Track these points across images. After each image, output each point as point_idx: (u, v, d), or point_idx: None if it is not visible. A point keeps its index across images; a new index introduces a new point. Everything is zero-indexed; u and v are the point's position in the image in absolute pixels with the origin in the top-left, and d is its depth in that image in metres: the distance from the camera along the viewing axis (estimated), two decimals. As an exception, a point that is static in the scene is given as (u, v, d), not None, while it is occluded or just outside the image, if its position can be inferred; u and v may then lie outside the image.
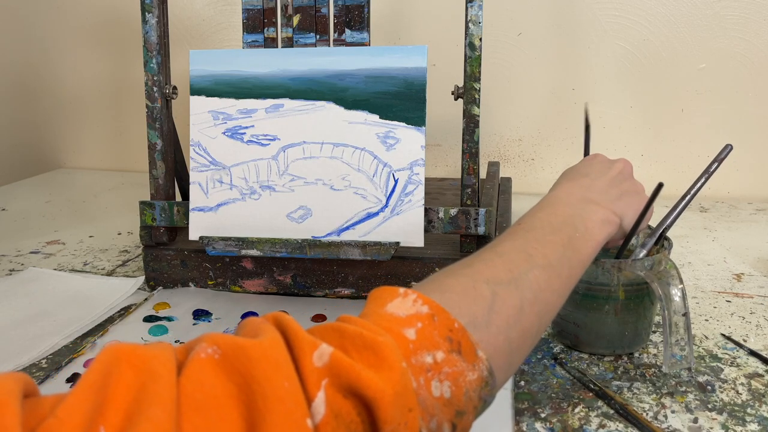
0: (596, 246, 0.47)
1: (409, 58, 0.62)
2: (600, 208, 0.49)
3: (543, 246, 0.43)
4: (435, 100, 0.71)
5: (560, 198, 0.49)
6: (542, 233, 0.44)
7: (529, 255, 0.42)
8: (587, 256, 0.46)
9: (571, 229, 0.46)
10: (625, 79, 1.02)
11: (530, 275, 0.40)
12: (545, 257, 0.42)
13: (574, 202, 0.49)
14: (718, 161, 0.53)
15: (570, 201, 0.49)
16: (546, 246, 0.43)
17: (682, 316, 0.49)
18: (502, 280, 0.39)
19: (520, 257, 0.41)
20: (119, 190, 1.13)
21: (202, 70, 0.65)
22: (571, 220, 0.47)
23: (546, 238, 0.44)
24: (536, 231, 0.45)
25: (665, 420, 0.47)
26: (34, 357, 0.57)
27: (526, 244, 0.43)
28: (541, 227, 0.45)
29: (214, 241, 0.63)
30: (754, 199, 1.02)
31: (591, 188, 0.51)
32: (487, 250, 0.43)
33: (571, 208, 0.48)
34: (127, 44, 1.19)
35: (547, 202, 0.49)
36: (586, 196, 0.50)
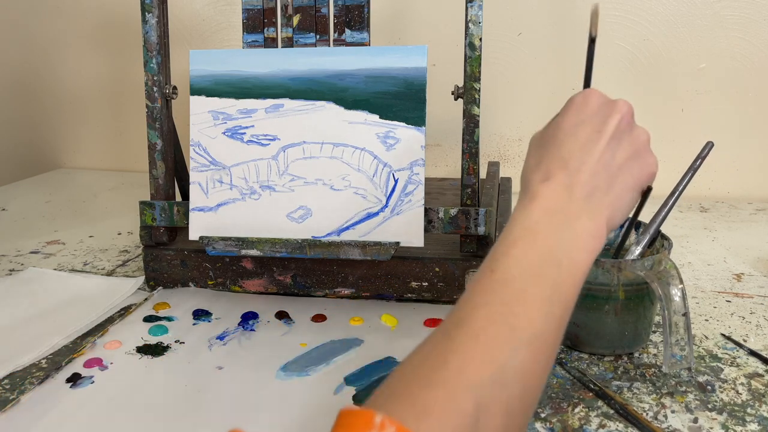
0: (582, 279, 0.38)
1: (409, 58, 0.62)
2: (586, 221, 0.39)
3: (525, 308, 0.35)
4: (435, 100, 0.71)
5: (536, 218, 0.39)
6: (522, 285, 0.36)
7: (512, 328, 0.34)
8: (573, 297, 0.38)
9: (555, 270, 0.37)
10: (625, 79, 1.02)
11: (516, 360, 0.33)
12: (530, 325, 0.35)
13: (554, 221, 0.39)
14: (701, 158, 0.56)
15: (550, 221, 0.39)
16: (528, 306, 0.35)
17: (682, 316, 0.49)
18: (484, 381, 0.32)
19: (502, 335, 0.34)
20: (119, 190, 1.13)
21: (202, 70, 0.65)
22: (553, 255, 0.37)
23: (527, 292, 0.36)
24: (514, 283, 0.36)
25: (665, 420, 0.47)
26: (34, 357, 0.57)
27: (505, 310, 0.35)
28: (520, 275, 0.36)
29: (214, 241, 0.63)
30: (754, 199, 1.02)
31: (575, 183, 0.40)
32: (463, 325, 0.35)
33: (551, 234, 0.38)
34: (127, 44, 1.19)
35: (521, 227, 0.39)
36: (568, 206, 0.39)
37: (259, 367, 0.55)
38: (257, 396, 0.51)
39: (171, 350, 0.58)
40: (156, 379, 0.54)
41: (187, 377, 0.54)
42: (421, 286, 0.65)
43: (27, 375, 0.55)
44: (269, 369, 0.55)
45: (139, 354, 0.57)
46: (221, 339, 0.60)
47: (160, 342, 0.59)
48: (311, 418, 0.48)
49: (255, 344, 0.59)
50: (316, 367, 0.55)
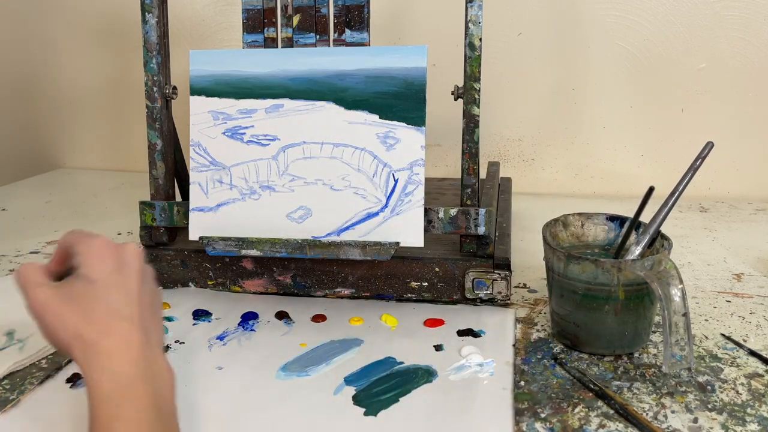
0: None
1: (409, 58, 0.62)
2: (162, 361, 0.42)
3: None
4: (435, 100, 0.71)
5: (127, 373, 0.39)
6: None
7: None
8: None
9: (157, 413, 0.39)
10: (625, 79, 1.02)
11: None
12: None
13: (144, 373, 0.40)
14: (701, 158, 0.56)
15: (142, 375, 0.40)
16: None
17: (682, 316, 0.49)
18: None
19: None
20: (119, 190, 1.13)
21: (202, 70, 0.65)
22: (156, 405, 0.39)
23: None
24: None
25: (665, 420, 0.47)
26: (34, 357, 0.57)
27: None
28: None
29: (214, 241, 0.63)
30: (754, 199, 1.02)
31: (138, 329, 0.42)
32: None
33: (148, 389, 0.40)
34: (127, 44, 1.19)
35: (116, 385, 0.39)
36: (144, 354, 0.41)
37: (259, 367, 0.55)
38: (257, 396, 0.51)
39: (171, 350, 0.58)
40: (156, 379, 0.54)
41: (187, 377, 0.54)
42: (421, 286, 0.65)
43: (27, 375, 0.55)
44: (269, 369, 0.55)
45: (139, 354, 0.57)
46: (221, 339, 0.60)
47: (160, 342, 0.59)
48: (311, 418, 0.48)
49: (255, 344, 0.59)
50: (316, 367, 0.55)
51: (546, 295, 0.66)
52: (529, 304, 0.66)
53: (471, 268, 0.64)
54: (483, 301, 0.65)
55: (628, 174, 1.06)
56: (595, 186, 1.07)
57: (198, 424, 0.48)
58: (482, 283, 0.64)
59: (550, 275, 0.58)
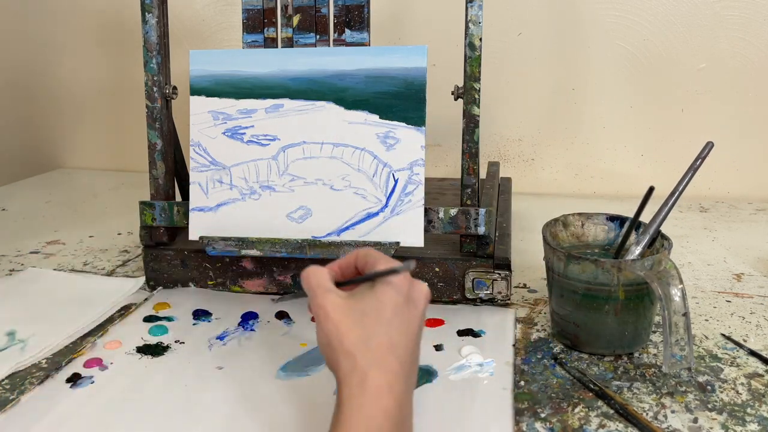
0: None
1: (409, 58, 0.62)
2: (408, 416, 0.40)
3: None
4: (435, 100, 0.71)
5: (379, 424, 0.38)
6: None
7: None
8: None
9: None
10: (625, 80, 1.02)
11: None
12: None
13: (392, 425, 0.38)
14: (701, 158, 0.56)
15: (389, 426, 0.38)
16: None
17: (682, 316, 0.49)
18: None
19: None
20: (119, 190, 1.13)
21: (202, 70, 0.65)
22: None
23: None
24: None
25: (665, 420, 0.47)
26: (34, 357, 0.57)
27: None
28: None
29: (214, 241, 0.63)
30: (754, 199, 1.02)
31: (403, 373, 0.40)
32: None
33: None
34: (127, 44, 1.19)
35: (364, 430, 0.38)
36: (401, 404, 0.39)
37: (259, 367, 0.55)
38: (257, 396, 0.51)
39: (171, 350, 0.58)
40: (156, 379, 0.54)
41: (187, 377, 0.54)
42: (421, 286, 0.65)
43: (27, 375, 0.55)
44: (269, 369, 0.55)
45: (139, 354, 0.57)
46: (221, 339, 0.60)
47: (160, 342, 0.59)
48: (311, 418, 0.48)
49: (255, 344, 0.59)
50: (316, 367, 0.55)
51: (546, 295, 0.66)
52: (529, 304, 0.66)
53: (471, 268, 0.64)
54: (483, 301, 0.65)
55: (628, 174, 1.06)
56: (595, 186, 1.07)
57: (198, 424, 0.48)
58: (482, 283, 0.64)
59: (550, 275, 0.58)
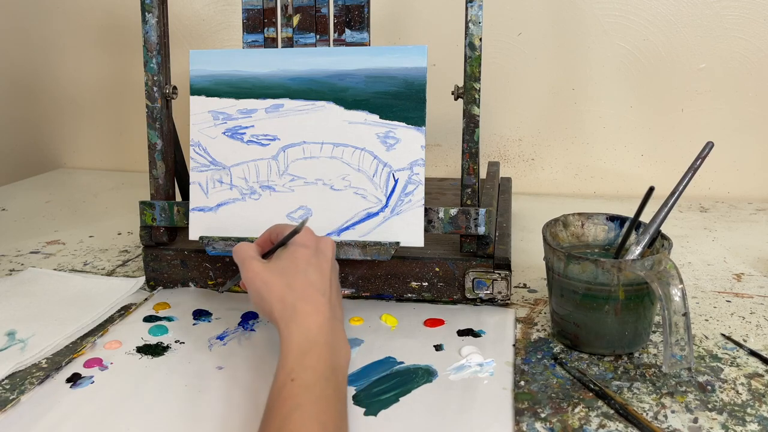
0: (345, 373, 0.48)
1: (409, 58, 0.62)
2: (340, 329, 0.50)
3: (327, 406, 0.43)
4: (435, 100, 0.71)
5: (315, 333, 0.48)
6: (320, 390, 0.44)
7: (323, 426, 0.42)
8: (345, 390, 0.47)
9: (335, 373, 0.46)
10: (625, 79, 1.02)
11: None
12: (332, 421, 0.42)
13: (327, 335, 0.48)
14: (701, 158, 0.56)
15: (324, 335, 0.48)
16: (329, 406, 0.43)
17: (682, 316, 0.49)
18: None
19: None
20: (119, 190, 1.13)
21: (202, 70, 0.65)
22: (333, 362, 0.47)
23: (325, 394, 0.44)
24: (314, 388, 0.44)
25: (665, 420, 0.47)
26: (34, 357, 0.57)
27: (314, 410, 0.42)
28: (316, 381, 0.44)
29: (214, 241, 0.63)
30: (754, 199, 1.02)
31: (326, 302, 0.50)
32: (284, 430, 0.41)
33: (328, 344, 0.47)
34: (127, 44, 1.19)
35: (304, 339, 0.47)
36: (330, 321, 0.49)
37: (259, 367, 0.55)
38: (257, 396, 0.51)
39: (171, 350, 0.58)
40: (156, 379, 0.54)
41: (187, 377, 0.54)
42: (421, 286, 0.65)
43: (27, 375, 0.55)
44: (269, 369, 0.55)
45: (139, 354, 0.57)
46: (221, 339, 0.60)
47: (160, 342, 0.59)
48: (311, 418, 0.48)
49: (255, 344, 0.59)
50: (316, 367, 0.54)
51: (546, 295, 0.66)
52: (529, 304, 0.66)
53: (471, 268, 0.64)
54: (483, 301, 0.65)
55: (628, 174, 1.06)
56: (595, 186, 1.07)
57: (198, 424, 0.48)
58: (482, 283, 0.64)
59: (550, 275, 0.58)
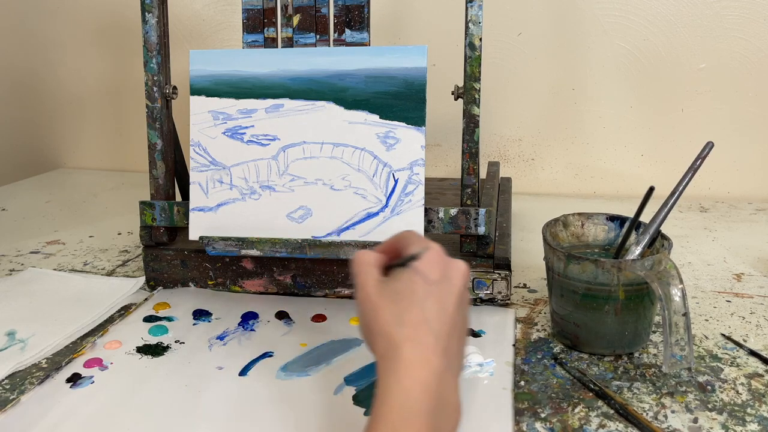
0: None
1: (409, 58, 0.62)
2: (454, 393, 0.40)
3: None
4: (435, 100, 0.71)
5: (416, 397, 0.37)
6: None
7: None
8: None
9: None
10: (625, 79, 1.02)
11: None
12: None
13: (432, 399, 0.37)
14: (701, 158, 0.56)
15: (429, 399, 0.37)
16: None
17: (682, 316, 0.49)
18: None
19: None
20: (119, 190, 1.13)
21: (202, 70, 0.65)
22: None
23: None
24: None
25: (665, 420, 0.47)
26: (34, 357, 0.57)
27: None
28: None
29: (214, 241, 0.63)
30: (754, 199, 1.02)
31: (442, 348, 0.40)
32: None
33: (431, 415, 0.37)
34: (127, 44, 1.19)
35: (401, 407, 0.37)
36: (442, 377, 0.38)
37: (259, 367, 0.55)
38: (257, 396, 0.51)
39: (171, 350, 0.58)
40: (156, 379, 0.54)
41: (187, 377, 0.54)
42: (421, 286, 0.65)
43: (27, 375, 0.55)
44: (269, 369, 0.55)
45: (139, 354, 0.57)
46: (221, 339, 0.60)
47: (160, 342, 0.59)
48: (311, 418, 0.48)
49: (255, 344, 0.59)
50: (316, 367, 0.55)
51: (546, 295, 0.66)
52: (529, 304, 0.66)
53: (471, 268, 0.64)
54: (483, 301, 0.65)
55: (628, 174, 1.06)
56: (595, 186, 1.07)
57: (198, 424, 0.48)
58: (482, 283, 0.64)
59: (550, 275, 0.58)
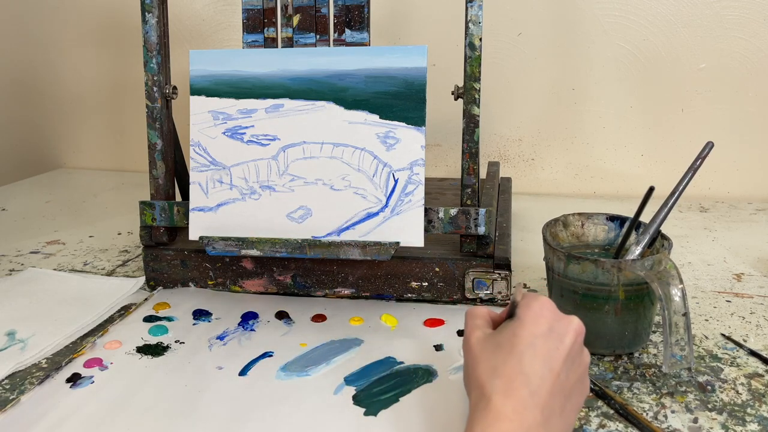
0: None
1: (409, 58, 0.62)
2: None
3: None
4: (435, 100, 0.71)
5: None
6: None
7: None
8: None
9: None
10: (625, 79, 1.02)
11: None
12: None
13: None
14: (701, 158, 0.56)
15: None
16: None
17: (682, 316, 0.49)
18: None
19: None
20: (119, 190, 1.13)
21: (202, 70, 0.65)
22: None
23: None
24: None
25: (665, 420, 0.47)
26: (34, 357, 0.57)
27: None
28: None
29: (214, 241, 0.63)
30: (754, 199, 1.02)
31: (537, 404, 0.37)
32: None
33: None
34: (127, 44, 1.19)
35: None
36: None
37: (259, 367, 0.55)
38: (257, 396, 0.51)
39: (171, 350, 0.58)
40: (156, 379, 0.54)
41: (187, 377, 0.54)
42: (421, 286, 0.65)
43: (27, 375, 0.55)
44: (269, 369, 0.55)
45: (139, 354, 0.57)
46: (221, 339, 0.60)
47: (160, 342, 0.59)
48: (311, 418, 0.48)
49: (255, 344, 0.59)
50: (316, 367, 0.55)
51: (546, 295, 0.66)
52: (529, 304, 0.66)
53: (471, 268, 0.64)
54: (483, 301, 0.65)
55: (628, 174, 1.06)
56: (595, 186, 1.07)
57: (198, 424, 0.48)
58: (482, 283, 0.64)
59: (550, 275, 0.58)
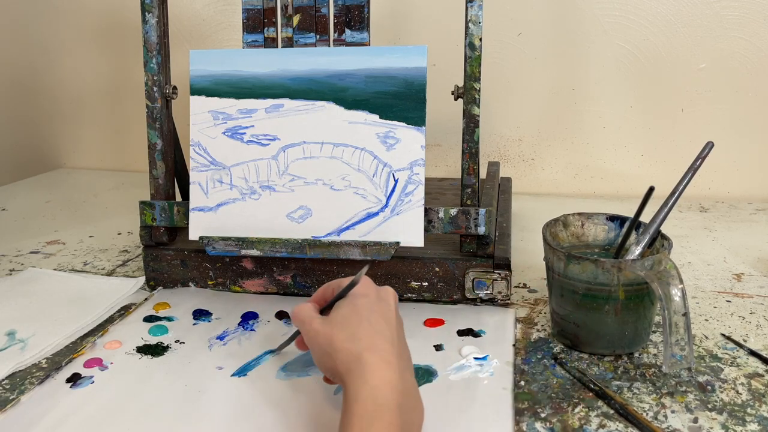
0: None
1: (409, 58, 0.62)
2: (413, 387, 0.44)
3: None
4: (435, 100, 0.71)
5: (384, 395, 0.40)
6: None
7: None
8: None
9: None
10: (625, 79, 1.02)
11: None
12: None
13: (397, 397, 0.41)
14: (701, 158, 0.56)
15: (394, 397, 0.40)
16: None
17: (682, 316, 0.49)
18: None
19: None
20: (119, 190, 1.13)
21: (202, 70, 0.65)
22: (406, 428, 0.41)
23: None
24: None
25: (665, 420, 0.47)
26: (34, 357, 0.57)
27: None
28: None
29: (214, 241, 0.63)
30: (754, 199, 1.02)
31: (395, 352, 0.44)
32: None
33: (399, 410, 0.40)
34: (127, 44, 1.19)
35: (373, 403, 0.40)
36: (401, 376, 0.42)
37: (259, 367, 0.55)
38: (257, 396, 0.51)
39: (171, 350, 0.58)
40: (156, 379, 0.54)
41: (187, 377, 0.54)
42: (421, 286, 0.65)
43: (27, 375, 0.55)
44: (269, 369, 0.55)
45: (139, 354, 0.57)
46: (221, 339, 0.60)
47: (160, 342, 0.59)
48: (311, 418, 0.48)
49: (255, 344, 0.59)
50: (316, 367, 0.54)
51: (546, 295, 0.66)
52: (529, 304, 0.66)
53: (471, 268, 0.64)
54: (483, 301, 0.65)
55: (628, 174, 1.06)
56: (595, 186, 1.07)
57: (198, 424, 0.48)
58: (482, 283, 0.64)
59: (550, 275, 0.58)
